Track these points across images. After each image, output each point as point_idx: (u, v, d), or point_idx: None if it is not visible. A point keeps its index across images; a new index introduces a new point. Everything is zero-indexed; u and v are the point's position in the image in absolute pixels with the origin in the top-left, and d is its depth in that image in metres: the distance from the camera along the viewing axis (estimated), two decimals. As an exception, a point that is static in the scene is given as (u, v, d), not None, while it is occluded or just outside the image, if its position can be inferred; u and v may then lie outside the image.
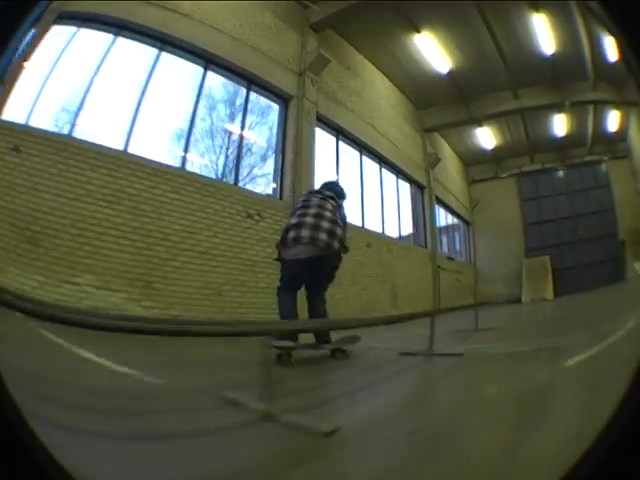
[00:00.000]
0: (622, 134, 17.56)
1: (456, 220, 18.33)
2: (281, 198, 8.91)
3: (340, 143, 10.79)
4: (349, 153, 11.02)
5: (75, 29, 5.92)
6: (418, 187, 13.40)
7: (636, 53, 1.02)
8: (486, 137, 18.11)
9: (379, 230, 11.21)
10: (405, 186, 13.39)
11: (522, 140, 18.59)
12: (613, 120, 17.41)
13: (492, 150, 19.22)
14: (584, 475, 0.96)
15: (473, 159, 19.99)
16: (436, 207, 13.76)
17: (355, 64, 12.10)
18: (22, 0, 1.10)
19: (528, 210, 19.09)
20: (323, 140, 10.38)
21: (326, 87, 10.66)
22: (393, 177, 12.53)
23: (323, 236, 4.75)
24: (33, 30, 5.26)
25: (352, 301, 8.45)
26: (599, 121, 17.55)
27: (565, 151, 19.09)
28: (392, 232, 12.04)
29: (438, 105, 14.28)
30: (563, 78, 14.87)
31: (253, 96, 8.96)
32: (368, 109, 11.98)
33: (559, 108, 16.54)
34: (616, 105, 16.52)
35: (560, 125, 17.89)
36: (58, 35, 5.70)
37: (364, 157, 11.38)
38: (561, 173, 19.24)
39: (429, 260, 10.87)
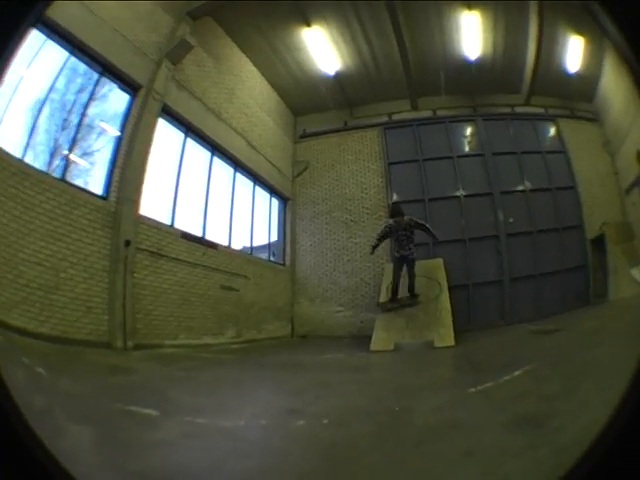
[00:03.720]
0: (588, 84, 14.63)
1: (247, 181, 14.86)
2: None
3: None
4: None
5: None
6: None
7: (636, 53, 1.32)
8: (320, 48, 14.22)
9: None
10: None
11: (394, 63, 14.75)
12: (574, 53, 14.13)
13: (338, 81, 15.45)
14: (584, 475, 1.29)
15: (304, 99, 16.45)
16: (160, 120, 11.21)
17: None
18: (22, 0, 1.51)
19: (399, 179, 15.46)
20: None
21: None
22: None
23: None
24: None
25: None
26: (548, 48, 14.02)
27: (479, 96, 15.85)
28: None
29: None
30: None
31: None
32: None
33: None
34: (577, 29, 13.43)
35: (472, 36, 14.10)
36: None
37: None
38: (469, 127, 16.01)
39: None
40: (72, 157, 9.03)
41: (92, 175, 9.51)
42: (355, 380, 7.15)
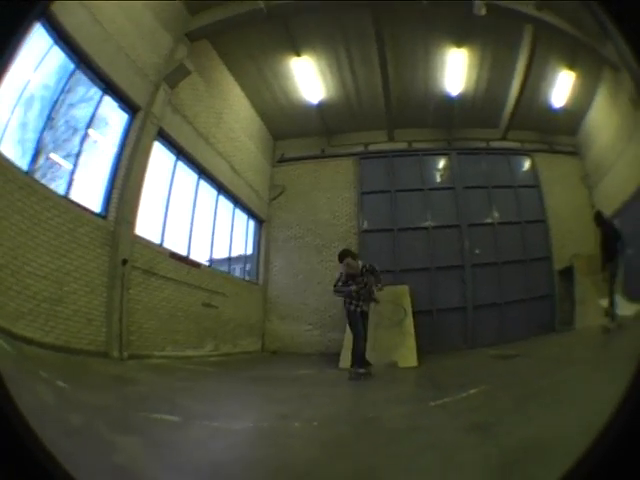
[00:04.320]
0: (573, 119, 15.79)
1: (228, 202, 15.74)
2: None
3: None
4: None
5: None
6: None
7: (636, 53, 1.38)
8: (307, 78, 15.37)
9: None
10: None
11: (376, 96, 15.99)
12: (563, 88, 15.17)
13: (320, 109, 16.60)
14: (584, 475, 1.35)
15: (285, 125, 17.50)
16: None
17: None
18: (22, 0, 1.59)
19: (371, 208, 16.65)
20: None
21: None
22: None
23: None
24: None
25: None
26: (534, 84, 15.09)
27: (456, 130, 17.11)
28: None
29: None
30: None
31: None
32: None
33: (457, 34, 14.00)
34: (571, 64, 14.44)
35: (456, 72, 15.25)
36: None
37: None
38: (442, 160, 17.21)
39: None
40: (76, 176, 9.60)
41: (91, 192, 10.35)
42: (330, 393, 8.35)
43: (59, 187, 9.37)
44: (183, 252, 12.86)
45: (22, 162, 8.45)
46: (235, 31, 13.41)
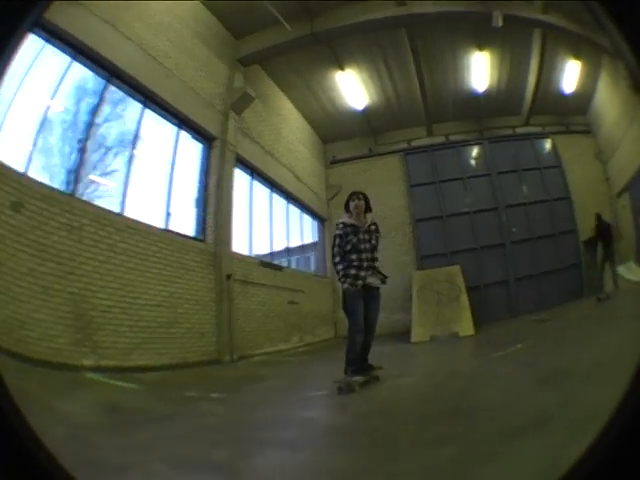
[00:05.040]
0: (582, 101, 16.79)
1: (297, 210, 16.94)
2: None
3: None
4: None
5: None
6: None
7: (636, 53, 1.34)
8: (351, 88, 16.39)
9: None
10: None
11: (414, 98, 17.06)
12: (571, 75, 16.20)
13: (364, 114, 17.65)
14: (584, 475, 1.29)
15: (333, 130, 18.54)
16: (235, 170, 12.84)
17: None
18: (22, 0, 1.52)
19: (420, 199, 17.66)
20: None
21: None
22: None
23: None
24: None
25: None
26: (547, 74, 16.15)
27: (485, 120, 18.04)
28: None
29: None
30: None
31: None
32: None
33: (479, 40, 15.05)
34: (576, 54, 15.39)
35: (481, 72, 16.33)
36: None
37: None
38: (476, 149, 18.18)
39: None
40: (172, 209, 10.54)
41: (185, 221, 11.21)
42: (418, 360, 10.10)
43: (159, 222, 10.10)
44: (268, 259, 14.09)
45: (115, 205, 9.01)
46: (283, 54, 14.17)
